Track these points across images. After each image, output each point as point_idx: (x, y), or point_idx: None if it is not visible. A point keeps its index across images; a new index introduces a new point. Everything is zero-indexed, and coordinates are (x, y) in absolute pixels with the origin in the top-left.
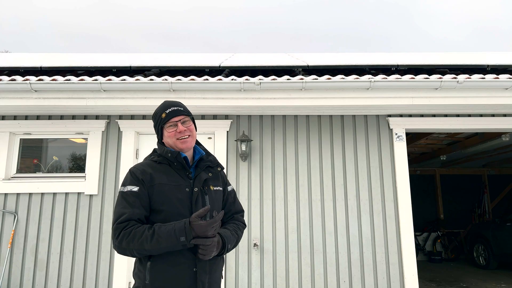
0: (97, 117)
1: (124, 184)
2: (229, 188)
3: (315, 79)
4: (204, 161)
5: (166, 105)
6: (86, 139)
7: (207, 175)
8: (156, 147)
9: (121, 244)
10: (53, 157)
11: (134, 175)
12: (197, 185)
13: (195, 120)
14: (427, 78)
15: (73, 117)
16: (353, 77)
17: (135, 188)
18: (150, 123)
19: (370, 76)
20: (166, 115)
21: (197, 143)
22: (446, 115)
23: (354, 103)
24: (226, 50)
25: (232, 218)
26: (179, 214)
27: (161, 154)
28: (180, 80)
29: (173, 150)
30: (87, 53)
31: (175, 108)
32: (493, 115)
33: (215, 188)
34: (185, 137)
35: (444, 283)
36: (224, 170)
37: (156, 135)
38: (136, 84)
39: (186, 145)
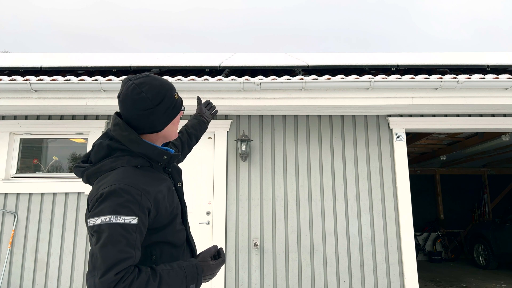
0: (97, 117)
1: (116, 212)
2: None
3: (315, 79)
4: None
5: (172, 86)
6: (86, 139)
7: (176, 164)
8: (107, 141)
9: None
10: (53, 157)
11: (132, 198)
12: (177, 180)
13: None
14: (427, 78)
15: (73, 117)
16: (353, 77)
17: (134, 220)
18: None
19: (370, 76)
20: (179, 99)
21: None
22: (446, 115)
23: (354, 103)
24: (226, 50)
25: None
26: (178, 223)
27: (144, 155)
28: (180, 80)
29: (172, 152)
30: (87, 53)
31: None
32: (493, 115)
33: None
34: None
35: (444, 283)
36: (224, 169)
37: (152, 122)
38: None
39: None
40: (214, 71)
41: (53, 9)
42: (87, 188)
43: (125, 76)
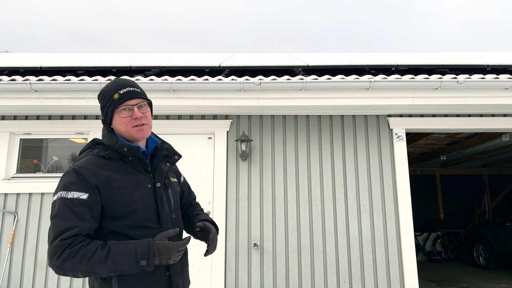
0: (97, 117)
1: (66, 188)
2: (182, 178)
3: (315, 79)
4: (160, 150)
5: (120, 84)
6: (86, 139)
7: (167, 166)
8: (98, 137)
9: (64, 265)
10: (53, 157)
11: (82, 177)
12: (158, 179)
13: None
14: (427, 78)
15: (73, 117)
16: (353, 77)
17: (84, 195)
18: None
19: (370, 76)
20: (119, 96)
21: None
22: (446, 115)
23: (354, 103)
24: (226, 50)
25: (190, 205)
26: (145, 218)
27: (112, 148)
28: (180, 80)
29: (131, 145)
30: (87, 53)
31: (130, 88)
32: (493, 115)
33: (173, 180)
34: (141, 124)
35: (444, 283)
36: (224, 169)
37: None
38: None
39: (142, 134)
40: (214, 71)
41: (53, 9)
42: None
43: (125, 76)
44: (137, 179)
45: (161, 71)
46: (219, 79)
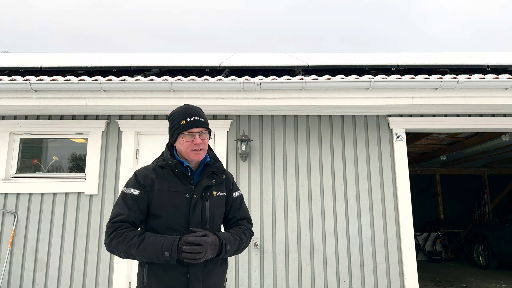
0: (97, 117)
1: (127, 186)
2: (235, 194)
3: (315, 79)
4: (210, 167)
5: (188, 112)
6: (86, 139)
7: (210, 182)
8: (164, 149)
9: (111, 243)
10: (53, 157)
11: (137, 178)
12: (196, 192)
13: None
14: (427, 78)
15: (73, 117)
16: (353, 77)
17: (136, 192)
18: (150, 123)
19: (370, 76)
20: (186, 124)
21: (208, 148)
22: (446, 115)
23: (354, 103)
24: (226, 50)
25: (236, 224)
26: (175, 221)
27: (165, 159)
28: (180, 80)
29: (176, 159)
30: (87, 53)
31: (196, 118)
32: (493, 115)
33: (218, 194)
34: (199, 149)
35: (444, 283)
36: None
37: (168, 136)
38: (136, 84)
39: (197, 157)
40: (214, 71)
41: (53, 9)
42: (87, 188)
43: (125, 76)
44: (178, 187)
45: (161, 71)
46: (219, 79)
